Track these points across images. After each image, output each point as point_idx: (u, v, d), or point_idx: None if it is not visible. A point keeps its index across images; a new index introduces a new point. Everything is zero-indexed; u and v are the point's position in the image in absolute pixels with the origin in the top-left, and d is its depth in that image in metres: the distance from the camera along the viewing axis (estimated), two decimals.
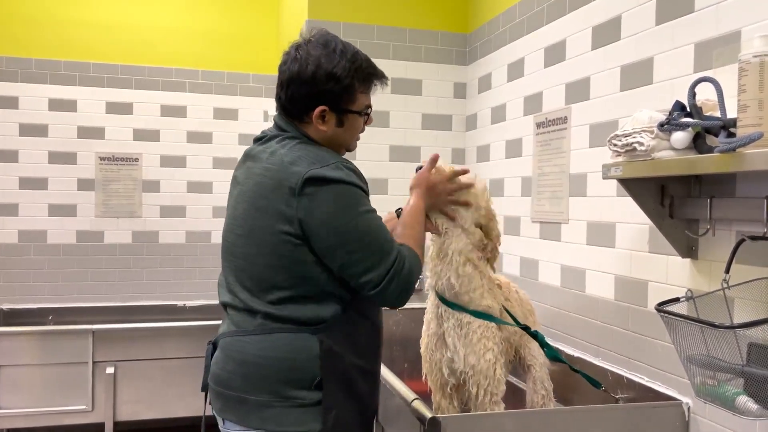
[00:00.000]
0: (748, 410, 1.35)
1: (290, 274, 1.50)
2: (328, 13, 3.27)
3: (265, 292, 1.53)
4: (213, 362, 1.62)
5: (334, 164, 1.49)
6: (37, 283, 3.99)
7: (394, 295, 1.51)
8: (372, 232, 1.51)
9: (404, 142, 3.40)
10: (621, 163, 1.69)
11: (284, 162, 1.50)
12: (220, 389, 1.57)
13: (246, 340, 1.54)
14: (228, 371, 1.55)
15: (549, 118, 2.59)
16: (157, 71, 4.16)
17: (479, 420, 1.71)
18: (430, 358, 1.93)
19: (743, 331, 1.34)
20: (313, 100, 1.54)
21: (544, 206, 2.63)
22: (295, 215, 1.46)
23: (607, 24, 2.21)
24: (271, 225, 1.49)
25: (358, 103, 1.60)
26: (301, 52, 1.56)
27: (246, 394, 1.52)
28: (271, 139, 1.59)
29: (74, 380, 3.42)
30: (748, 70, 1.35)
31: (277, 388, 1.50)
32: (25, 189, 3.98)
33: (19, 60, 3.95)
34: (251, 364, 1.52)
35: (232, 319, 1.60)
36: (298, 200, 1.46)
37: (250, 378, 1.52)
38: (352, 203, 1.48)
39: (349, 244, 1.47)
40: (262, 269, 1.52)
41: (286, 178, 1.47)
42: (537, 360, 2.10)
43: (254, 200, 1.53)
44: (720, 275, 1.52)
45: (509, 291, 2.09)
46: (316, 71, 1.52)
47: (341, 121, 1.59)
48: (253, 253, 1.53)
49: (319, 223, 1.46)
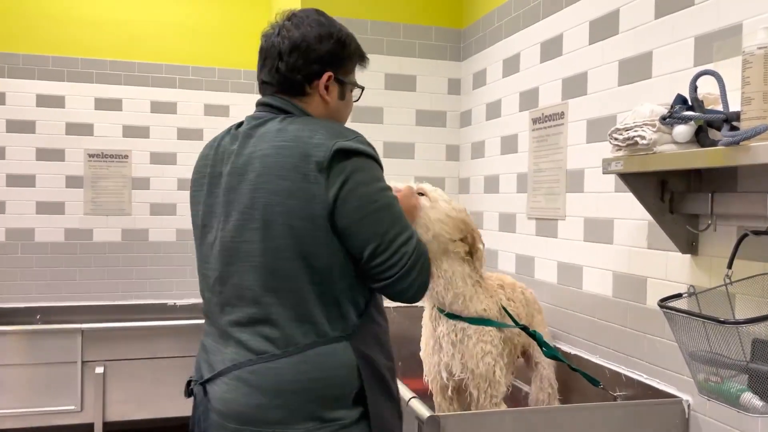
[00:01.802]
0: (753, 407, 1.33)
1: (322, 267, 1.35)
2: (321, 8, 3.22)
3: (294, 294, 1.35)
4: (225, 399, 1.38)
5: (355, 138, 1.37)
6: (24, 281, 3.92)
7: (416, 283, 1.39)
8: (397, 210, 1.40)
9: (398, 138, 3.37)
10: (622, 158, 1.67)
11: (302, 137, 1.34)
12: (247, 427, 1.35)
13: (279, 365, 1.34)
14: (256, 405, 1.34)
15: (545, 113, 2.57)
16: (146, 67, 4.11)
17: (478, 418, 1.68)
18: (429, 362, 1.92)
19: (747, 327, 1.32)
20: (320, 65, 1.43)
21: (540, 203, 2.61)
22: (324, 193, 1.31)
23: (605, 18, 2.19)
24: (298, 208, 1.32)
25: (353, 75, 1.53)
26: (297, 20, 1.45)
27: (282, 427, 1.33)
28: (269, 120, 1.42)
29: (63, 380, 3.37)
30: (752, 62, 1.33)
31: (320, 412, 1.34)
32: (12, 186, 3.92)
33: (6, 55, 3.89)
34: (290, 391, 1.33)
35: (245, 343, 1.37)
36: (326, 175, 1.31)
37: (289, 407, 1.33)
38: (378, 177, 1.38)
39: (378, 221, 1.35)
40: (290, 265, 1.33)
41: (309, 153, 1.32)
42: (544, 358, 2.08)
43: (270, 183, 1.33)
44: (721, 271, 1.51)
45: (514, 291, 2.08)
46: (320, 33, 1.43)
47: (343, 93, 1.50)
48: (278, 246, 1.33)
49: (350, 197, 1.32)
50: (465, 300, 1.82)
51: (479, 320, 1.83)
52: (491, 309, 1.88)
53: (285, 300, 1.35)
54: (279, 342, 1.35)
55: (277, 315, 1.35)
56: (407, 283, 1.38)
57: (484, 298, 1.87)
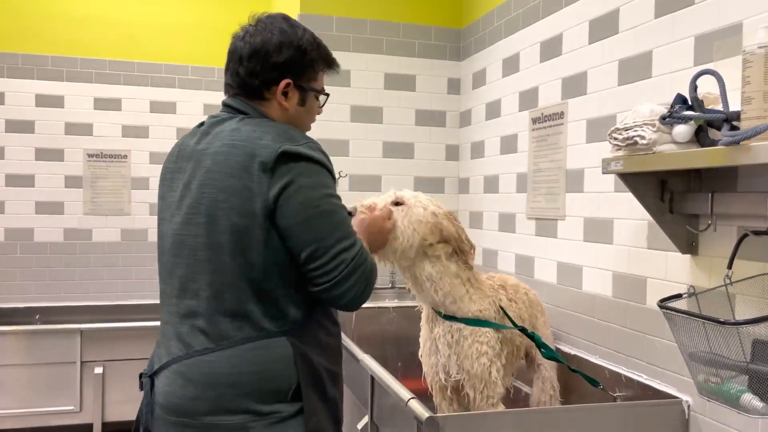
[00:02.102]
0: (753, 408, 1.32)
1: (261, 264, 1.37)
2: (320, 7, 3.23)
3: (233, 289, 1.38)
4: (165, 392, 1.42)
5: (306, 144, 1.40)
6: (24, 281, 3.92)
7: (353, 291, 1.39)
8: (341, 217, 1.42)
9: (398, 138, 3.37)
10: (621, 157, 1.67)
11: (252, 137, 1.39)
12: (183, 419, 1.39)
13: (212, 359, 1.37)
14: (191, 398, 1.38)
15: (545, 113, 2.56)
16: (146, 67, 4.10)
17: (477, 419, 1.67)
18: (427, 362, 1.93)
19: (747, 327, 1.31)
20: (277, 72, 1.46)
21: (539, 202, 2.61)
22: (265, 193, 1.35)
23: (605, 17, 2.19)
24: (240, 206, 1.36)
25: (317, 82, 1.54)
26: (261, 25, 1.49)
27: (217, 418, 1.36)
28: (227, 120, 1.47)
29: (62, 380, 3.37)
30: (752, 62, 1.32)
31: (254, 405, 1.37)
32: (11, 186, 3.91)
33: (5, 55, 3.88)
34: (224, 384, 1.36)
35: (183, 338, 1.42)
36: (269, 176, 1.35)
37: (222, 400, 1.37)
38: (324, 183, 1.40)
39: (318, 225, 1.36)
40: (230, 260, 1.37)
41: (256, 153, 1.36)
42: (546, 361, 2.08)
43: (217, 180, 1.38)
44: (721, 271, 1.50)
45: (516, 292, 2.07)
46: (281, 41, 1.46)
47: (303, 100, 1.52)
48: (220, 242, 1.38)
49: (292, 199, 1.35)
50: (456, 300, 1.82)
51: (475, 321, 1.83)
52: (487, 310, 1.87)
53: (222, 294, 1.38)
54: (213, 335, 1.39)
55: (213, 309, 1.39)
56: (342, 290, 1.38)
57: (478, 299, 1.86)
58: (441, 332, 1.86)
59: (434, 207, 1.85)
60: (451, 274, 1.82)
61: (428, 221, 1.80)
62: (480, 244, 3.18)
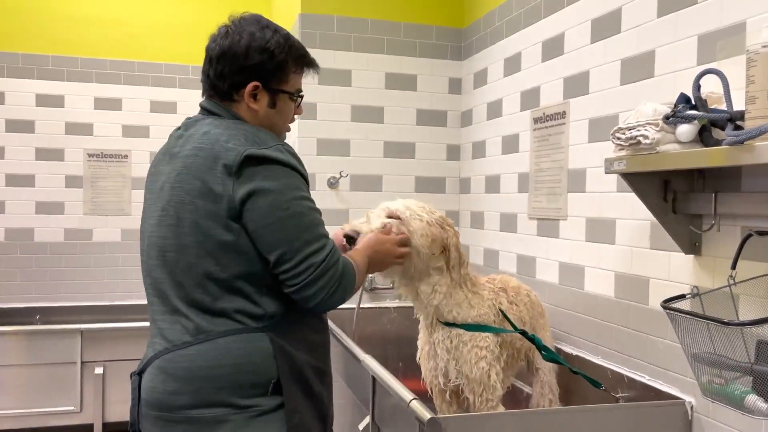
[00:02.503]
0: (757, 409, 1.31)
1: (228, 264, 1.39)
2: (321, 7, 3.22)
3: (202, 289, 1.41)
4: (148, 388, 1.45)
5: (275, 146, 1.41)
6: (24, 281, 3.91)
7: (323, 292, 1.40)
8: (311, 219, 1.42)
9: (399, 138, 3.36)
10: (624, 157, 1.66)
11: (219, 140, 1.41)
12: (164, 414, 1.42)
13: (191, 353, 1.40)
14: (171, 392, 1.41)
15: (547, 113, 2.55)
16: (146, 66, 4.10)
17: (479, 420, 1.67)
18: (426, 366, 1.92)
19: (752, 328, 1.30)
20: (245, 75, 1.48)
21: (541, 202, 2.60)
22: (231, 196, 1.37)
23: (607, 17, 2.18)
24: (205, 208, 1.38)
25: (290, 83, 1.55)
26: (232, 28, 1.50)
27: (197, 411, 1.39)
28: (200, 122, 1.50)
29: (62, 381, 3.37)
30: (756, 61, 1.31)
31: (233, 398, 1.39)
32: (11, 186, 3.91)
33: (5, 55, 3.88)
34: (201, 377, 1.39)
35: (165, 334, 1.45)
36: (234, 179, 1.37)
37: (201, 393, 1.39)
38: (293, 186, 1.40)
39: (286, 228, 1.38)
40: (196, 261, 1.40)
41: (221, 156, 1.38)
42: (546, 364, 2.07)
43: (185, 183, 1.41)
44: (724, 272, 1.50)
45: (518, 295, 2.06)
46: (249, 44, 1.47)
47: (273, 102, 1.53)
48: (188, 243, 1.40)
49: (259, 202, 1.37)
50: (455, 307, 1.81)
51: (475, 326, 1.82)
52: (486, 314, 1.86)
53: (193, 294, 1.41)
54: (191, 330, 1.41)
55: (187, 306, 1.42)
56: (312, 292, 1.40)
57: (477, 303, 1.84)
58: (440, 337, 1.84)
59: (428, 216, 1.81)
60: (450, 283, 1.81)
61: (427, 234, 1.78)
62: (481, 244, 3.18)
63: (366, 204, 3.19)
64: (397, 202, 1.84)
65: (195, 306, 1.42)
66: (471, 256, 3.26)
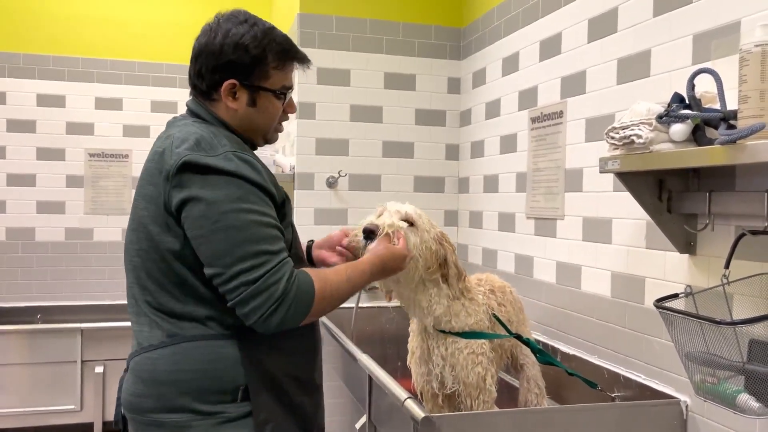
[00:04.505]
0: (749, 408, 1.31)
1: (181, 271, 1.36)
2: (320, 7, 3.22)
3: (168, 294, 1.38)
4: (124, 389, 1.45)
5: (223, 154, 1.33)
6: (25, 281, 3.93)
7: (257, 313, 1.29)
8: (249, 234, 1.30)
9: (398, 137, 3.36)
10: (618, 157, 1.66)
11: (173, 144, 1.36)
12: (134, 415, 1.41)
13: (155, 356, 1.38)
14: (138, 395, 1.39)
15: (544, 112, 2.56)
16: (147, 66, 4.11)
17: (473, 419, 1.67)
18: (417, 371, 1.90)
19: (744, 327, 1.30)
20: (220, 73, 1.43)
21: (539, 202, 2.60)
22: (168, 202, 1.33)
23: (604, 16, 2.18)
24: (155, 213, 1.36)
25: (272, 80, 1.47)
26: (212, 25, 1.48)
27: (162, 415, 1.36)
28: (177, 122, 1.48)
29: (63, 379, 3.38)
30: (749, 60, 1.31)
31: (196, 404, 1.35)
32: (12, 186, 3.93)
33: (6, 55, 3.89)
34: (164, 382, 1.36)
35: (136, 336, 1.44)
36: (171, 186, 1.33)
37: (164, 398, 1.36)
38: (233, 197, 1.30)
39: (215, 242, 1.29)
40: (156, 267, 1.38)
41: (165, 161, 1.35)
42: (529, 359, 2.07)
43: (142, 187, 1.41)
44: (719, 271, 1.49)
45: (504, 294, 2.04)
46: (223, 41, 1.42)
47: (253, 100, 1.46)
48: (145, 248, 1.39)
49: (192, 213, 1.31)
50: (452, 319, 1.79)
51: (471, 334, 1.80)
52: (482, 321, 1.84)
53: (159, 299, 1.39)
54: (158, 334, 1.39)
55: (156, 310, 1.40)
56: (246, 311, 1.30)
57: (474, 311, 1.82)
58: (434, 343, 1.82)
59: (434, 230, 1.76)
60: (448, 295, 1.78)
61: (431, 248, 1.72)
62: (480, 243, 3.18)
63: (365, 204, 3.20)
64: (408, 206, 1.77)
65: (162, 310, 1.39)
66: (469, 256, 3.26)
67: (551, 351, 2.34)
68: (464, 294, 1.82)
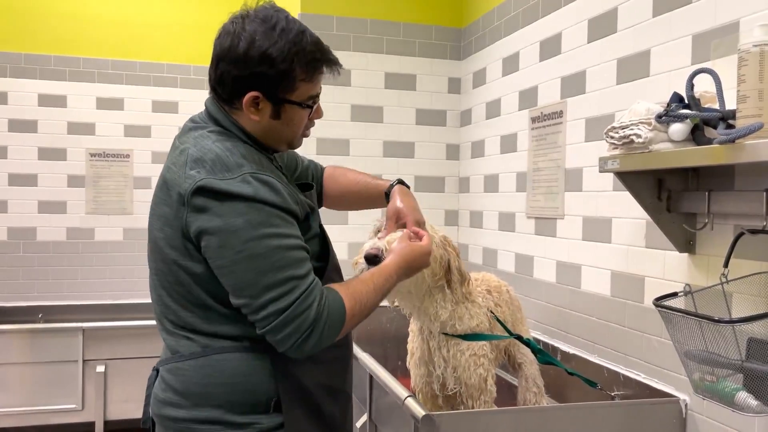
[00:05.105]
0: (747, 406, 1.32)
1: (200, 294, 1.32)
2: (321, 7, 3.23)
3: (188, 313, 1.34)
4: (153, 394, 1.41)
5: (240, 177, 1.25)
6: (26, 280, 3.94)
7: (291, 340, 1.25)
8: (274, 260, 1.24)
9: (398, 137, 3.37)
10: (618, 156, 1.67)
11: (186, 164, 1.28)
12: (164, 422, 1.38)
13: (186, 367, 1.34)
14: (169, 403, 1.36)
15: (544, 112, 2.56)
16: (148, 66, 4.12)
17: (474, 417, 1.68)
18: (416, 372, 1.90)
19: (742, 325, 1.31)
20: (243, 84, 1.30)
21: (539, 201, 2.61)
22: (185, 227, 1.27)
23: (603, 16, 2.19)
24: (172, 236, 1.30)
25: (299, 92, 1.34)
26: (235, 25, 1.31)
27: (194, 426, 1.33)
28: (191, 131, 1.37)
29: (64, 379, 3.39)
30: (747, 60, 1.32)
31: (229, 416, 1.32)
32: (14, 186, 3.93)
33: (8, 55, 3.90)
34: (196, 394, 1.33)
35: (166, 341, 1.40)
36: (187, 211, 1.26)
37: (196, 409, 1.33)
38: (255, 222, 1.23)
39: (240, 272, 1.24)
40: (174, 290, 1.34)
41: (178, 182, 1.27)
42: (527, 357, 2.07)
43: (156, 206, 1.34)
44: (718, 270, 1.50)
45: (501, 294, 2.05)
46: (248, 50, 1.27)
47: (277, 113, 1.34)
48: (163, 270, 1.34)
49: (209, 243, 1.25)
50: (456, 322, 1.78)
51: (473, 336, 1.80)
52: (483, 323, 1.85)
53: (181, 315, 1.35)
54: (187, 344, 1.35)
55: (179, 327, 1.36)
56: (278, 338, 1.27)
57: (476, 314, 1.83)
58: (435, 345, 1.82)
59: (437, 235, 1.73)
60: (453, 300, 1.77)
61: (435, 257, 1.67)
62: (480, 243, 3.19)
63: None
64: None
65: (187, 328, 1.35)
66: (470, 256, 3.27)
67: (551, 350, 2.35)
68: (467, 297, 1.81)
